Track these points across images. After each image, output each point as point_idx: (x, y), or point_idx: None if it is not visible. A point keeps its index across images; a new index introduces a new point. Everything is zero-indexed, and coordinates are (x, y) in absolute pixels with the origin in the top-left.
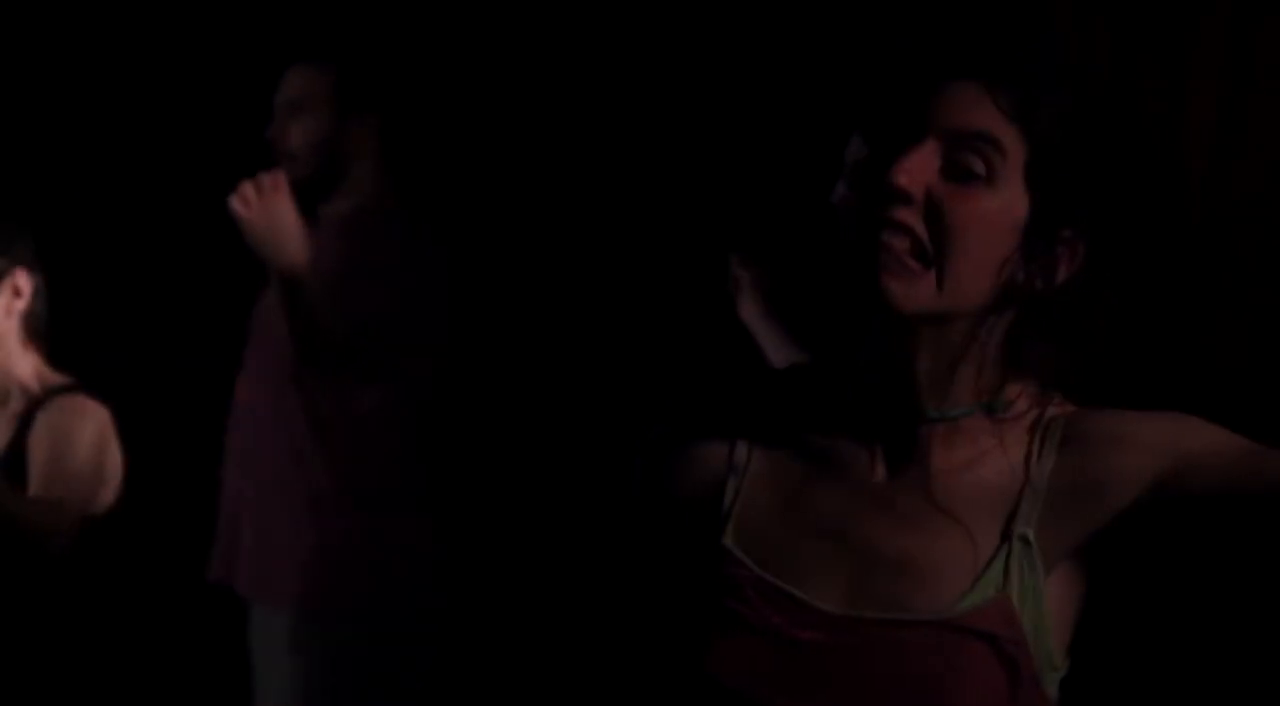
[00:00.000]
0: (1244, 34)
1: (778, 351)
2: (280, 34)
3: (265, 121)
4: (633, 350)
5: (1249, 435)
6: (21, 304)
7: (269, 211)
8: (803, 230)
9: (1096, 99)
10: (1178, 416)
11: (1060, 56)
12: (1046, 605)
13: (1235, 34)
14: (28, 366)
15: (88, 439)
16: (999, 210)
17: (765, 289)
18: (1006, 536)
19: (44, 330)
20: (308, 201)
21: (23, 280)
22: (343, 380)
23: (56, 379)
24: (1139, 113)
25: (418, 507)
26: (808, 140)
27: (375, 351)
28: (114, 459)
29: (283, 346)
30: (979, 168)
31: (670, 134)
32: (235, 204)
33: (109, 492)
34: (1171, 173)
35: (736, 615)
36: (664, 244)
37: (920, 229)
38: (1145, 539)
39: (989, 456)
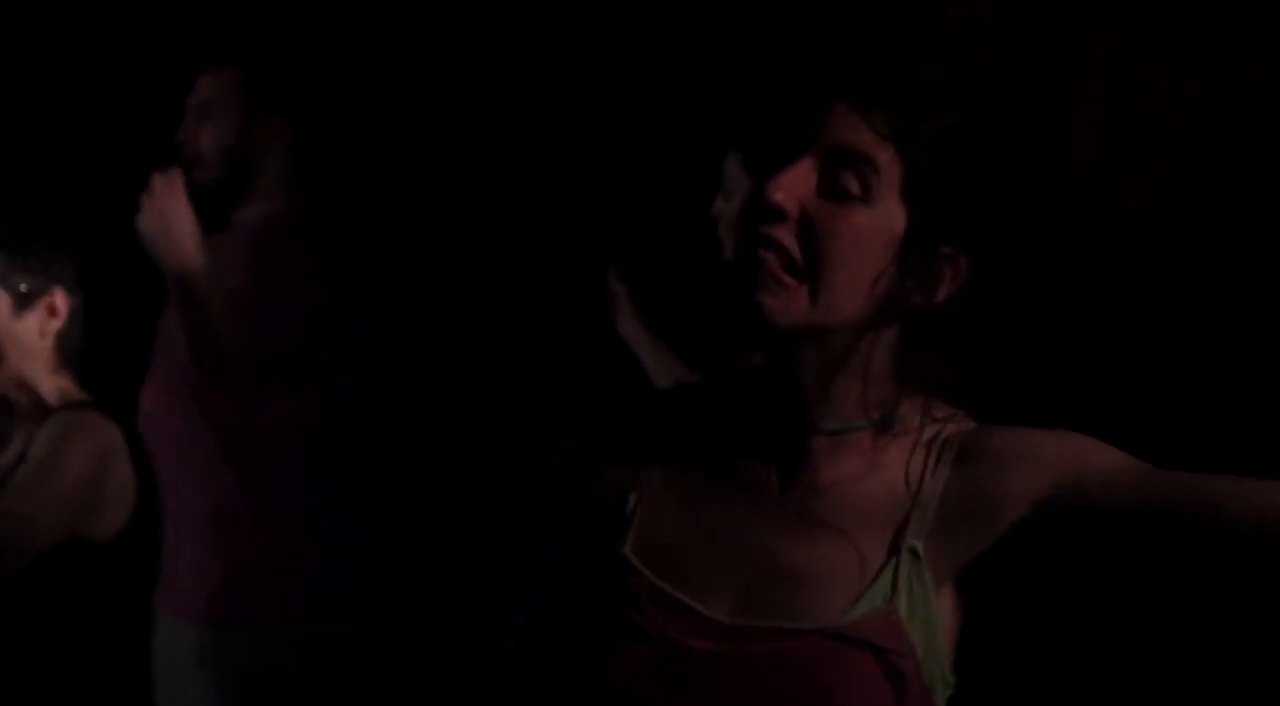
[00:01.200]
0: (1129, 46)
1: (657, 366)
2: (191, 37)
3: (176, 124)
4: (549, 354)
5: (1139, 441)
6: (57, 324)
7: (162, 211)
8: (681, 243)
9: (978, 118)
10: (1073, 436)
11: (939, 76)
12: (938, 619)
13: (1121, 45)
14: (53, 387)
15: (82, 456)
16: (874, 227)
17: (642, 303)
18: (895, 550)
19: (77, 353)
20: (219, 207)
21: (60, 300)
22: (248, 394)
23: (76, 398)
24: (1025, 130)
25: (331, 519)
26: (687, 153)
27: (285, 363)
28: (118, 481)
29: (181, 353)
30: (854, 186)
31: (566, 141)
32: (137, 216)
33: (111, 516)
34: (1056, 190)
35: (633, 623)
36: (578, 249)
37: (795, 244)
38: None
39: (880, 470)
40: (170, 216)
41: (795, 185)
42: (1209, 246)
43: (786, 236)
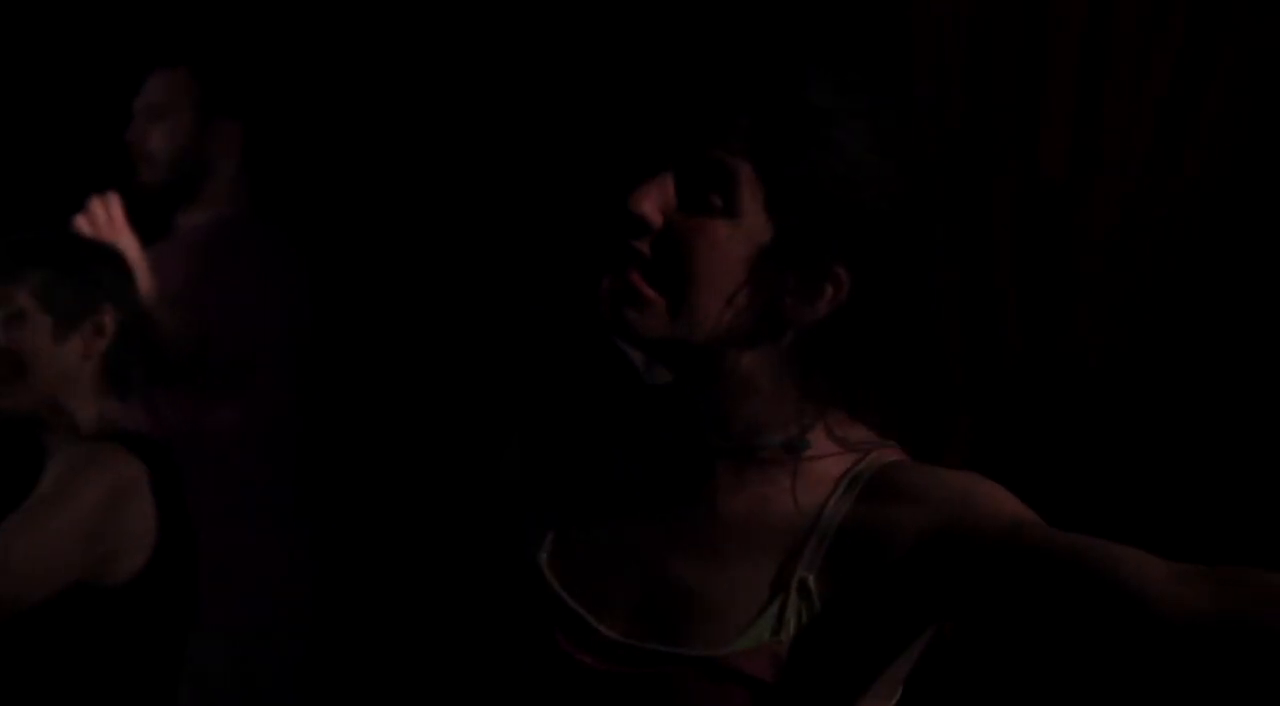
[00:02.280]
0: (1096, 57)
1: (648, 365)
2: (140, 37)
3: (123, 125)
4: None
5: (1113, 441)
6: (103, 344)
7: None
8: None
9: (851, 130)
10: (976, 482)
11: (808, 88)
12: (833, 654)
13: (1089, 45)
14: (92, 413)
15: (92, 494)
16: (737, 240)
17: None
18: (786, 581)
19: (129, 375)
20: (165, 209)
21: (109, 319)
22: (196, 396)
23: (115, 427)
24: (923, 142)
25: (287, 522)
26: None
27: (232, 367)
28: (134, 523)
29: None
30: (716, 199)
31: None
32: None
33: (127, 562)
34: (939, 202)
35: (535, 630)
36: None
37: (656, 257)
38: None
39: (784, 495)
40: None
41: (656, 198)
42: (1178, 252)
43: (649, 249)
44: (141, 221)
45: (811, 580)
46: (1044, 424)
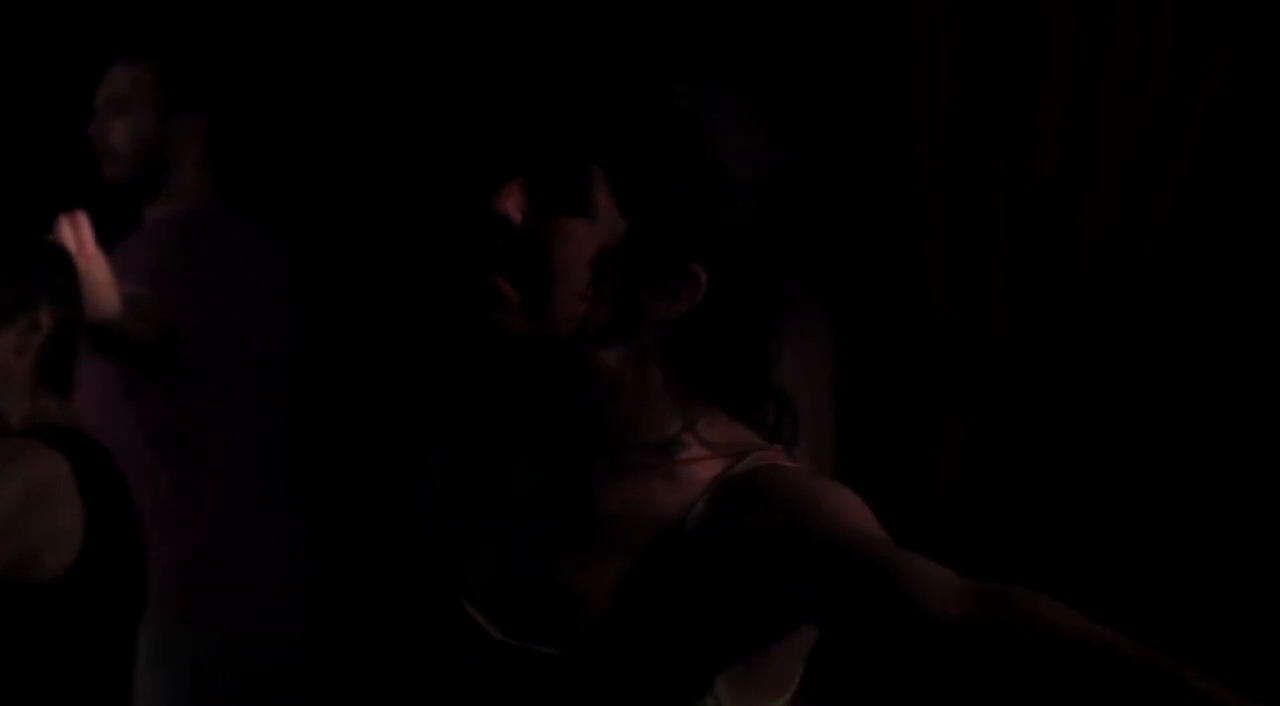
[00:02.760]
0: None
1: None
2: (100, 30)
3: (85, 119)
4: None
5: (1106, 439)
6: (38, 340)
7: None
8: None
9: (692, 128)
10: (831, 490)
11: (665, 91)
12: (690, 652)
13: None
14: (25, 409)
15: (9, 491)
16: (590, 239)
17: None
18: (650, 582)
19: (66, 372)
20: (130, 204)
21: (46, 316)
22: (172, 392)
23: (49, 422)
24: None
25: (277, 517)
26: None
27: (203, 360)
28: (55, 522)
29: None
30: (570, 200)
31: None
32: None
33: (48, 561)
34: (795, 200)
35: (437, 630)
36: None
37: (515, 256)
38: None
39: (656, 498)
40: (85, 270)
41: (518, 197)
42: (1173, 251)
43: (506, 248)
44: (108, 216)
45: (673, 581)
46: (1037, 423)
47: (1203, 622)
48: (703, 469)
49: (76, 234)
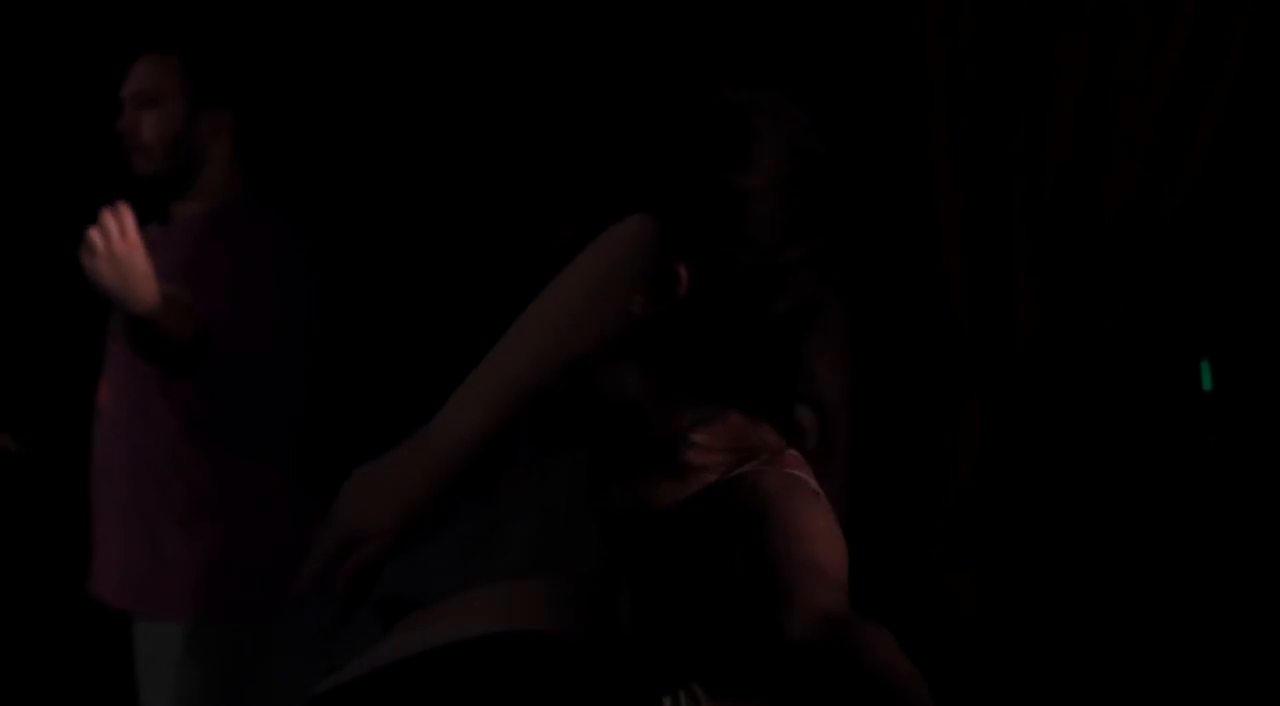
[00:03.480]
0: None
1: None
2: (124, 25)
3: (109, 115)
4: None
5: (1124, 420)
6: None
7: (117, 258)
8: None
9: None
10: (791, 501)
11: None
12: (676, 647)
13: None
14: None
15: None
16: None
17: None
18: (648, 574)
19: None
20: (159, 199)
21: None
22: (209, 383)
23: None
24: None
25: (311, 506)
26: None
27: (235, 355)
28: None
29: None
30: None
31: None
32: (83, 255)
33: None
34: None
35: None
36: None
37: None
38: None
39: (663, 494)
40: (127, 262)
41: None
42: (1189, 232)
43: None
44: (137, 212)
45: (662, 575)
46: (1055, 409)
47: (1216, 608)
48: (708, 469)
49: (120, 225)
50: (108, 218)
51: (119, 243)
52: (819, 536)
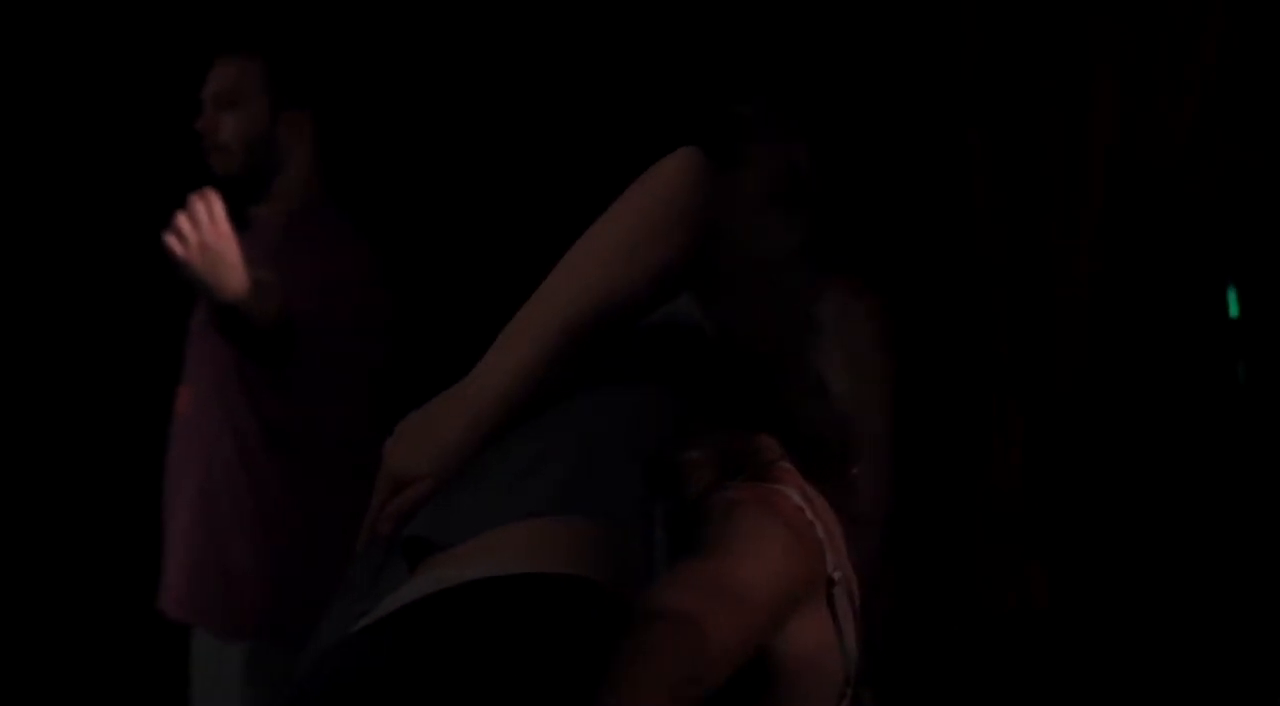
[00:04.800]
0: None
1: None
2: (203, 25)
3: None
4: None
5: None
6: None
7: (207, 244)
8: None
9: None
10: (743, 523)
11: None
12: None
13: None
14: None
15: None
16: None
17: None
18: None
19: None
20: (237, 201)
21: None
22: (289, 381)
23: None
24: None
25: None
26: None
27: (312, 359)
28: None
29: (219, 346)
30: None
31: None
32: (171, 243)
33: None
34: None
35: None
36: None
37: None
38: None
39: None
40: (217, 248)
41: None
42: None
43: None
44: None
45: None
46: (1098, 414)
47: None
48: (703, 482)
49: (209, 211)
50: (197, 204)
51: (209, 229)
52: (739, 555)
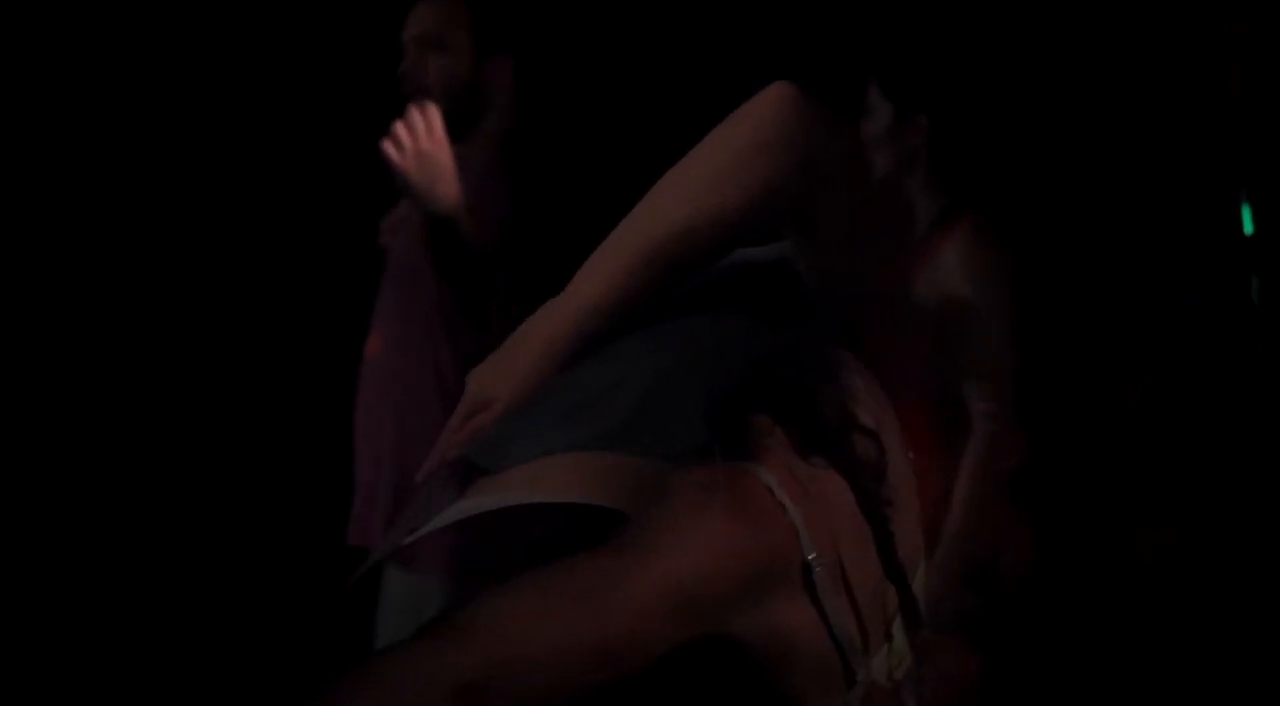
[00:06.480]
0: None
1: None
2: None
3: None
4: None
5: None
6: None
7: (424, 152)
8: None
9: None
10: (663, 522)
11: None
12: None
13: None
14: None
15: None
16: None
17: None
18: None
19: None
20: None
21: None
22: (486, 321)
23: None
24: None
25: None
26: None
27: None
28: None
29: (422, 283)
30: None
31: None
32: (389, 149)
33: None
34: None
35: None
36: None
37: None
38: None
39: None
40: (433, 158)
41: None
42: None
43: None
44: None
45: None
46: (1229, 384)
47: None
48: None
49: (427, 122)
50: (415, 115)
51: (426, 140)
52: (663, 547)
